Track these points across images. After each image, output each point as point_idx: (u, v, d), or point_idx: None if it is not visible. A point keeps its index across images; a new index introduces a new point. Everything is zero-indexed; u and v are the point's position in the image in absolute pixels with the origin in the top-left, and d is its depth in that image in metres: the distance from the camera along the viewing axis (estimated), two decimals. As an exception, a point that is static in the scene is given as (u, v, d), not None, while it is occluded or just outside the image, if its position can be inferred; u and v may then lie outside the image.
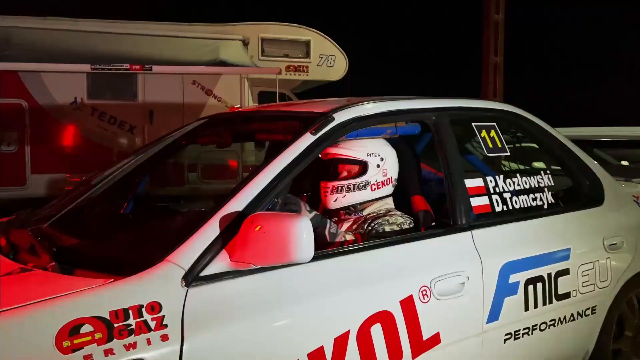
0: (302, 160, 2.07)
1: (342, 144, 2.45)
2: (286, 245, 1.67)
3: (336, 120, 2.23)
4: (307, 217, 1.70)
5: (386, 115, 2.42)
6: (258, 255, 1.72)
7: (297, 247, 1.67)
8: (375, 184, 2.48)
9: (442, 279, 2.20)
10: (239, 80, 8.92)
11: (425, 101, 2.60)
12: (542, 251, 2.56)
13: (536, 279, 2.51)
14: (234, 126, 2.67)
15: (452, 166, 2.47)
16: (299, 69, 9.85)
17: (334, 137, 2.21)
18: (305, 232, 1.68)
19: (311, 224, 1.72)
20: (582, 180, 2.99)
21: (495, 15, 7.82)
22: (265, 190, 1.94)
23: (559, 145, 2.97)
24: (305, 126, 2.19)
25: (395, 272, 2.12)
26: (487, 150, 2.65)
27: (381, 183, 2.50)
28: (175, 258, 1.73)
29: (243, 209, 1.87)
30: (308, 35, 9.86)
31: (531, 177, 2.75)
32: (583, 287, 2.71)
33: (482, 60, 7.99)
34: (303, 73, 9.86)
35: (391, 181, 2.54)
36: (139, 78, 8.34)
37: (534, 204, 2.69)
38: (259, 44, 9.55)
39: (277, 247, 1.68)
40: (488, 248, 2.39)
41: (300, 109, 2.47)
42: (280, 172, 2.00)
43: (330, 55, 10.03)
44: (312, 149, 2.11)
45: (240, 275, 1.78)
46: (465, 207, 2.42)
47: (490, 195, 2.54)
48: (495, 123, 2.74)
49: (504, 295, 2.40)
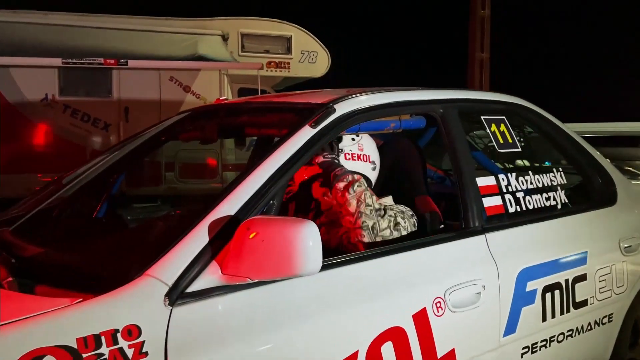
0: (301, 157, 1.82)
1: None
2: (289, 255, 1.42)
3: (337, 112, 1.98)
4: (312, 223, 1.45)
5: (391, 106, 2.18)
6: (255, 267, 1.45)
7: (302, 257, 1.42)
8: (350, 154, 2.34)
9: (457, 289, 1.97)
10: (219, 76, 8.64)
11: (432, 92, 2.37)
12: (558, 255, 2.35)
13: (554, 286, 2.30)
14: (219, 120, 2.39)
15: (463, 163, 2.24)
16: (280, 65, 9.59)
17: (335, 131, 1.96)
18: (312, 239, 1.43)
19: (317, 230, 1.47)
20: (594, 178, 2.79)
21: (481, 10, 7.66)
22: (260, 191, 1.68)
23: (570, 140, 2.77)
24: (303, 119, 1.94)
25: (407, 283, 1.88)
26: (497, 145, 2.43)
27: (357, 156, 2.35)
28: (156, 272, 1.46)
29: (236, 212, 1.61)
30: (289, 31, 9.60)
31: (543, 175, 2.54)
32: (600, 294, 2.51)
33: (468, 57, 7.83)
34: (284, 69, 9.60)
35: (369, 160, 2.39)
36: (113, 74, 8.00)
37: (548, 204, 2.48)
38: (239, 40, 9.27)
39: (278, 258, 1.43)
40: (504, 253, 2.17)
41: (296, 100, 2.22)
42: (277, 170, 1.75)
43: (312, 52, 9.80)
44: (311, 143, 1.86)
45: (233, 290, 1.52)
46: (478, 208, 2.19)
47: (503, 194, 2.32)
48: (504, 116, 2.52)
49: (522, 304, 2.18)
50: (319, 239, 1.45)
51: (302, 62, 9.65)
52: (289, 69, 9.57)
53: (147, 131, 2.62)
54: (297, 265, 1.42)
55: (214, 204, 1.62)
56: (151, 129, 2.64)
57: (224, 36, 9.05)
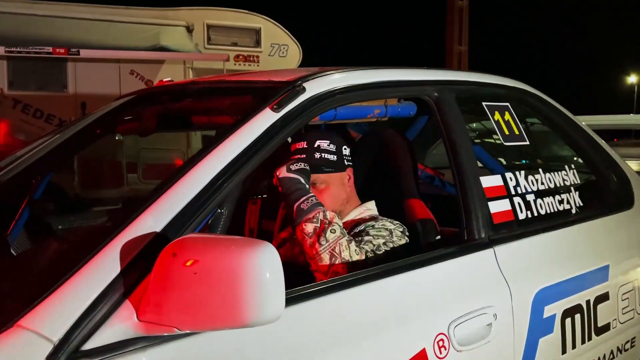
0: (260, 150, 1.35)
1: None
2: (236, 295, 0.94)
3: (307, 92, 1.52)
4: (269, 245, 0.98)
5: (374, 87, 1.72)
6: (186, 312, 0.98)
7: (256, 298, 0.94)
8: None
9: (464, 321, 1.52)
10: (183, 69, 8.16)
11: (424, 72, 1.93)
12: (578, 271, 1.93)
13: (574, 310, 1.88)
14: (160, 106, 1.90)
15: (465, 159, 1.80)
16: (249, 59, 9.10)
17: (304, 117, 1.49)
18: (269, 269, 0.96)
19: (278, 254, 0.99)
20: (609, 176, 2.38)
21: (459, 1, 7.29)
22: (200, 197, 1.21)
23: (582, 133, 2.36)
24: (262, 100, 1.47)
25: (399, 317, 1.42)
26: (503, 138, 2.00)
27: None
28: (34, 322, 0.97)
29: (162, 228, 1.13)
30: (258, 23, 9.11)
31: (555, 173, 2.12)
32: (623, 315, 2.10)
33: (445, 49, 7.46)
34: (253, 63, 9.11)
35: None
36: (68, 66, 7.45)
37: (561, 208, 2.06)
38: (205, 31, 8.74)
39: (219, 300, 0.95)
40: (516, 271, 1.73)
41: (255, 78, 1.74)
42: (224, 169, 1.28)
43: (283, 45, 9.33)
44: (273, 132, 1.40)
45: (155, 344, 1.04)
46: (483, 215, 1.75)
47: (512, 197, 1.89)
48: (508, 103, 2.09)
49: (539, 335, 1.75)
50: (279, 268, 0.97)
51: (272, 55, 9.16)
52: (258, 62, 9.07)
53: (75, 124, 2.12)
54: (249, 310, 0.94)
55: (129, 216, 1.13)
56: (79, 121, 2.14)
57: (189, 27, 8.53)
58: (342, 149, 1.86)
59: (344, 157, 1.85)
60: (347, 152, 1.87)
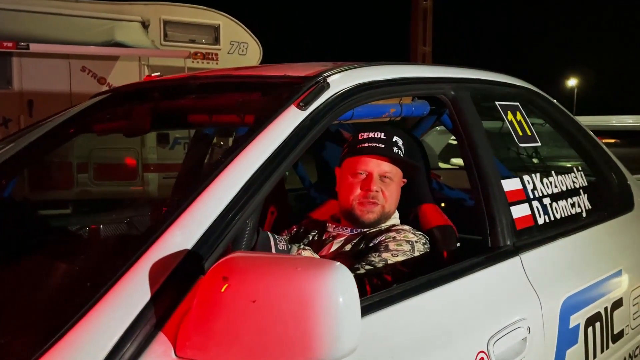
0: (290, 152, 1.20)
1: None
2: (309, 328, 0.78)
3: (332, 87, 1.37)
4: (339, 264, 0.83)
5: (397, 83, 1.59)
6: (242, 348, 0.81)
7: (332, 329, 0.79)
8: None
9: (502, 337, 1.41)
10: (138, 67, 7.83)
11: (440, 69, 1.81)
12: (597, 277, 1.86)
13: (595, 318, 1.81)
14: (152, 104, 1.70)
15: (485, 161, 1.69)
16: (208, 56, 8.83)
17: (332, 115, 1.34)
18: (345, 295, 0.80)
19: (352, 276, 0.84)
20: (610, 178, 2.34)
21: (423, 2, 7.28)
22: (231, 208, 1.04)
23: (585, 134, 2.31)
24: (281, 97, 1.31)
25: (442, 334, 1.30)
26: (517, 139, 1.91)
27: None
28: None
29: (193, 246, 0.96)
30: (217, 20, 8.86)
31: (565, 175, 2.05)
32: (634, 320, 2.05)
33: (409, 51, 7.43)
34: (212, 61, 8.84)
35: None
36: (14, 61, 7.00)
37: (573, 212, 1.99)
38: (161, 27, 8.43)
39: (287, 334, 0.79)
40: (543, 279, 1.64)
41: (266, 72, 1.57)
42: (254, 175, 1.11)
43: (243, 43, 9.11)
44: (302, 132, 1.25)
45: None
46: (507, 221, 1.65)
47: (531, 201, 1.80)
48: (518, 103, 2.01)
49: (566, 346, 1.66)
50: (355, 293, 0.82)
51: (231, 53, 8.92)
52: (217, 60, 8.81)
53: (46, 122, 1.89)
54: (322, 343, 0.79)
55: (154, 232, 0.96)
56: (52, 118, 1.91)
57: (144, 23, 8.20)
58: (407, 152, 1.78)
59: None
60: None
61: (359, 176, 1.68)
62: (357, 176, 1.69)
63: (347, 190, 1.69)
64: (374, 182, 1.66)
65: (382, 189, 1.67)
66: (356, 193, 1.67)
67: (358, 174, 1.69)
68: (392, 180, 1.70)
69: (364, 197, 1.67)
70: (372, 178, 1.67)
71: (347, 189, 1.69)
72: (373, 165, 1.68)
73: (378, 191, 1.67)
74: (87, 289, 0.87)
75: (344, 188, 1.71)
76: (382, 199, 1.68)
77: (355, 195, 1.67)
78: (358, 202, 1.67)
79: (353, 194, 1.67)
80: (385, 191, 1.68)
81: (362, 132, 1.73)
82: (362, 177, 1.68)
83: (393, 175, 1.70)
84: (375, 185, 1.66)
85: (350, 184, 1.69)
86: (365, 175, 1.68)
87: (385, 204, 1.69)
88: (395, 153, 1.70)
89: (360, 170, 1.68)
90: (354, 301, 0.81)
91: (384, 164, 1.69)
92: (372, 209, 1.67)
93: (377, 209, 1.68)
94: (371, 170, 1.68)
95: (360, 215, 1.68)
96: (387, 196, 1.68)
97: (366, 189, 1.66)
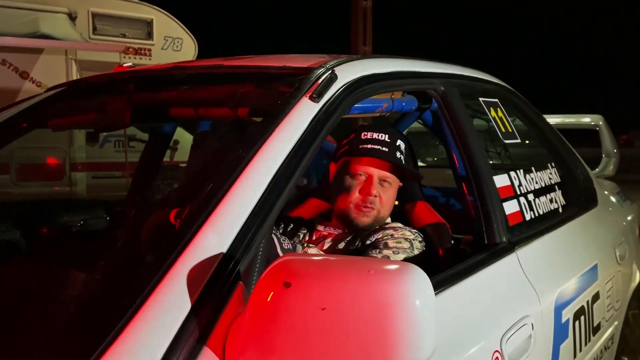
0: (309, 147, 1.11)
1: None
2: (386, 336, 0.71)
3: (340, 79, 1.29)
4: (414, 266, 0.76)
5: (397, 77, 1.54)
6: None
7: (411, 336, 0.71)
8: None
9: (512, 334, 1.39)
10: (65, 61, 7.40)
11: (430, 64, 1.78)
12: (579, 271, 1.89)
13: (580, 312, 1.83)
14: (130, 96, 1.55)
15: (477, 156, 1.67)
16: (140, 52, 8.47)
17: (342, 108, 1.26)
18: (422, 299, 0.73)
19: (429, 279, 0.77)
20: (577, 176, 2.40)
21: (363, 1, 7.31)
22: (261, 207, 0.95)
23: (554, 134, 2.36)
24: (293, 89, 1.22)
25: (459, 336, 1.25)
26: (502, 135, 1.91)
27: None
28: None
29: (228, 248, 0.86)
30: (150, 14, 8.53)
31: (543, 172, 2.07)
32: (607, 312, 2.11)
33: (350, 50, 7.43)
34: (145, 57, 8.49)
35: None
36: None
37: (552, 207, 2.02)
38: (90, 20, 8.01)
39: (361, 343, 0.71)
40: (537, 275, 1.64)
41: (264, 63, 1.47)
42: (278, 171, 1.02)
43: (177, 38, 8.83)
44: (318, 125, 1.16)
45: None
46: (501, 217, 1.64)
47: (518, 197, 1.80)
48: (498, 100, 2.02)
49: (560, 341, 1.67)
50: (433, 297, 0.75)
51: (165, 49, 8.59)
52: (150, 56, 8.47)
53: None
54: (401, 351, 0.71)
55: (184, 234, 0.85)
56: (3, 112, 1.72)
57: (71, 15, 7.76)
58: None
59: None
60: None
61: (358, 177, 1.61)
62: (357, 177, 1.61)
63: (345, 192, 1.61)
64: (374, 187, 1.59)
65: (380, 193, 1.60)
66: (355, 196, 1.59)
67: (358, 175, 1.61)
68: (391, 186, 1.64)
69: (362, 200, 1.59)
70: (372, 182, 1.60)
71: (345, 191, 1.61)
72: (375, 168, 1.61)
73: (376, 196, 1.59)
74: (119, 301, 0.75)
75: (341, 188, 1.63)
76: (378, 204, 1.61)
77: (354, 198, 1.60)
78: (355, 206, 1.60)
79: (351, 196, 1.60)
80: (383, 196, 1.61)
81: (365, 131, 1.66)
82: (362, 179, 1.61)
83: (392, 181, 1.64)
84: (375, 190, 1.59)
85: (348, 185, 1.61)
86: (365, 178, 1.61)
87: (381, 209, 1.62)
88: (398, 159, 1.64)
89: (360, 171, 1.61)
90: (431, 303, 0.74)
91: (386, 168, 1.63)
92: (368, 213, 1.60)
93: (373, 213, 1.61)
94: (372, 173, 1.60)
95: (355, 218, 1.61)
96: (384, 201, 1.62)
97: (365, 192, 1.58)
